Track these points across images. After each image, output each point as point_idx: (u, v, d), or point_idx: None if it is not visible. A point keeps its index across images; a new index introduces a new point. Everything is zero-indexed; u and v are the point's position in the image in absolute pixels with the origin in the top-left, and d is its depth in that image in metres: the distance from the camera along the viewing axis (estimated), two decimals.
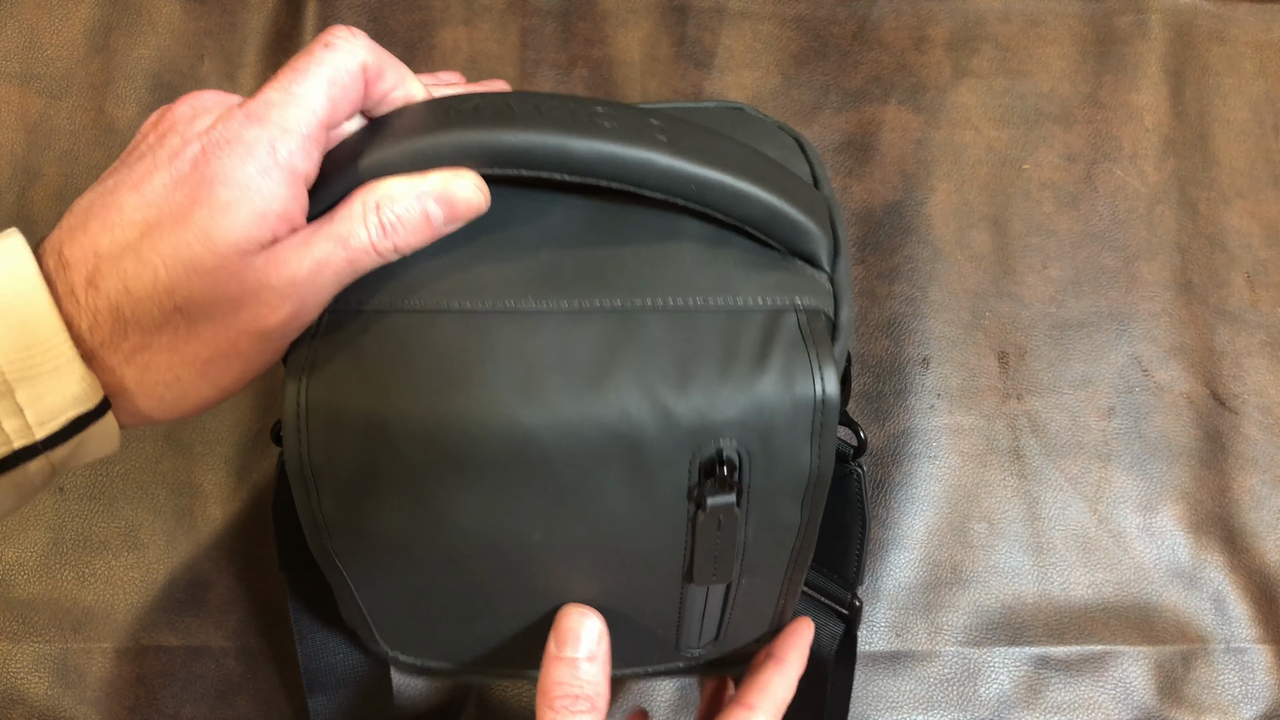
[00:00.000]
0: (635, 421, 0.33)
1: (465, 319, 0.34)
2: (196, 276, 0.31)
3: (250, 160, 0.32)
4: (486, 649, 0.43)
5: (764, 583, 0.41)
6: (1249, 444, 0.62)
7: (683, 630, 0.42)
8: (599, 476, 0.34)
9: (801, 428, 0.34)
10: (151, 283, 0.31)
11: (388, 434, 0.33)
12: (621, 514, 0.35)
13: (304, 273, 0.32)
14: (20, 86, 0.63)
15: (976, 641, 0.59)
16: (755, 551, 0.37)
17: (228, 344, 0.32)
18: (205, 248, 0.31)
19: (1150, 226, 0.64)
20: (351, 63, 0.34)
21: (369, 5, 0.65)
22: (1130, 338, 0.63)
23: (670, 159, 0.35)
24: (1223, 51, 0.67)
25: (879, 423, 0.61)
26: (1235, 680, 0.59)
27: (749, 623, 0.43)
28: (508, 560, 0.37)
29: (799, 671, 0.44)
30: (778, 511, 0.36)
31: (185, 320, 0.32)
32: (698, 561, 0.37)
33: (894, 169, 0.64)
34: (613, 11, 0.66)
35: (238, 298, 0.32)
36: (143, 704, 0.57)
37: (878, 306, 0.62)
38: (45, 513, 0.58)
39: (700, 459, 0.34)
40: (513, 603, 0.40)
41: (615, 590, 0.39)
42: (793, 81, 0.66)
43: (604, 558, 0.37)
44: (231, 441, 0.59)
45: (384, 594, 0.40)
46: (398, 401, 0.33)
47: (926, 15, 0.67)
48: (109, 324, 0.32)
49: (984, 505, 0.60)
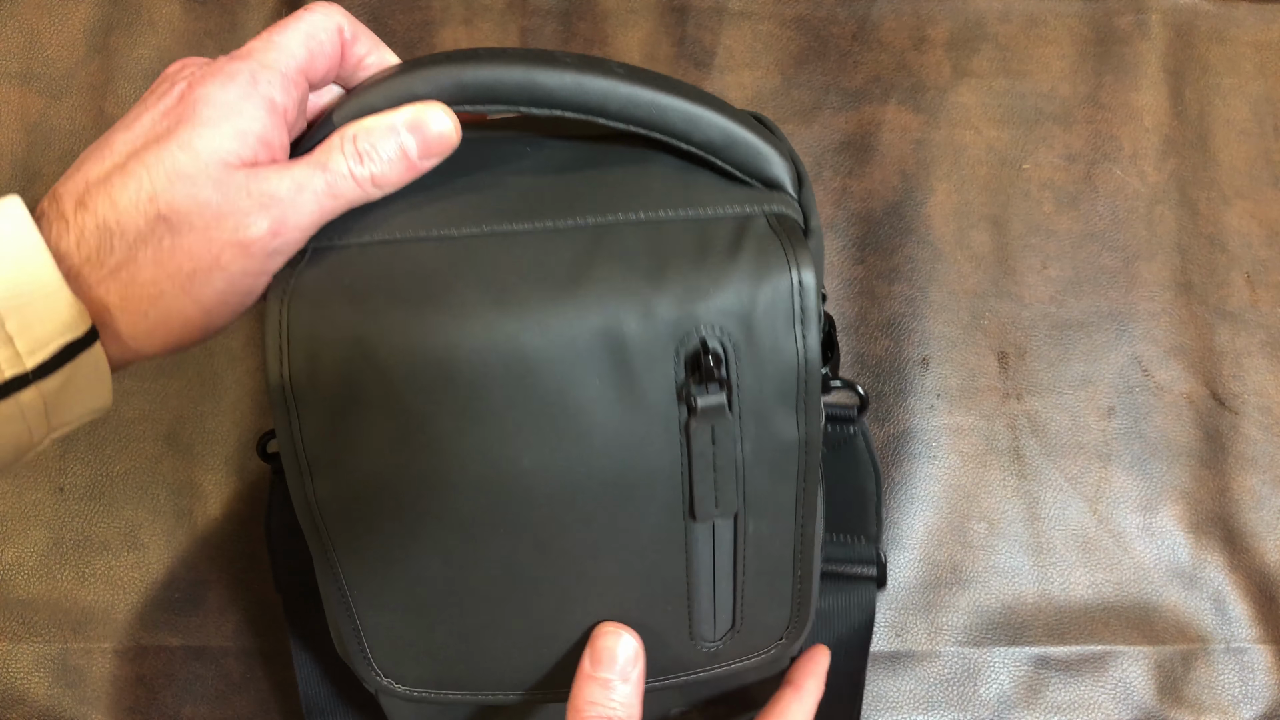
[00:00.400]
0: (614, 318, 0.34)
1: (444, 243, 0.36)
2: (180, 182, 0.33)
3: (231, 86, 0.34)
4: (484, 653, 0.40)
5: (773, 533, 0.38)
6: (1249, 444, 0.62)
7: (694, 603, 0.39)
8: (583, 383, 0.34)
9: (782, 312, 0.34)
10: (136, 191, 0.33)
11: (368, 350, 0.34)
12: (612, 428, 0.35)
13: (284, 190, 0.34)
14: (20, 86, 0.63)
15: (976, 641, 0.59)
16: (756, 478, 0.37)
17: (209, 256, 0.33)
18: (188, 156, 0.33)
19: (1150, 226, 0.64)
20: (329, 22, 0.37)
21: (369, 5, 0.65)
22: (1130, 338, 0.63)
23: (630, 85, 0.36)
24: (1223, 51, 0.67)
25: (879, 423, 0.61)
26: (1235, 680, 0.59)
27: (766, 603, 0.40)
28: (499, 505, 0.36)
29: (816, 698, 0.44)
30: (772, 422, 0.36)
31: (168, 229, 0.33)
32: (697, 483, 0.36)
33: (894, 169, 0.64)
34: (613, 11, 0.66)
35: (218, 206, 0.33)
36: (143, 704, 0.57)
37: (877, 306, 0.62)
38: (45, 513, 0.58)
39: (685, 352, 0.34)
40: (508, 573, 0.37)
41: (619, 550, 0.37)
42: (792, 81, 0.66)
43: (601, 496, 0.36)
44: (231, 441, 0.59)
45: (372, 575, 0.38)
46: (377, 318, 0.34)
47: (926, 15, 0.67)
48: (95, 239, 0.33)
49: (984, 505, 0.60)
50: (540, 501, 0.36)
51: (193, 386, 0.60)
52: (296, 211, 0.34)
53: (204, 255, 0.33)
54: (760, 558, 0.39)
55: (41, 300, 0.32)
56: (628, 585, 0.38)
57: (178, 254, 0.33)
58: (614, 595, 0.38)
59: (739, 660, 0.42)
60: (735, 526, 0.38)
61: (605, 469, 0.36)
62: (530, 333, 0.34)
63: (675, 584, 0.38)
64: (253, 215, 0.34)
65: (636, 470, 0.36)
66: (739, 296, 0.34)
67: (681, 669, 0.41)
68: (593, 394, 0.34)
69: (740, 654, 0.41)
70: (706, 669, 0.41)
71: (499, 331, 0.34)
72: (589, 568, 0.38)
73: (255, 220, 0.34)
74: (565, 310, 0.34)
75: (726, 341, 0.34)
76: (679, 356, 0.34)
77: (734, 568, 0.39)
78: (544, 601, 0.38)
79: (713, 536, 0.38)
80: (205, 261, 0.33)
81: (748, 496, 0.37)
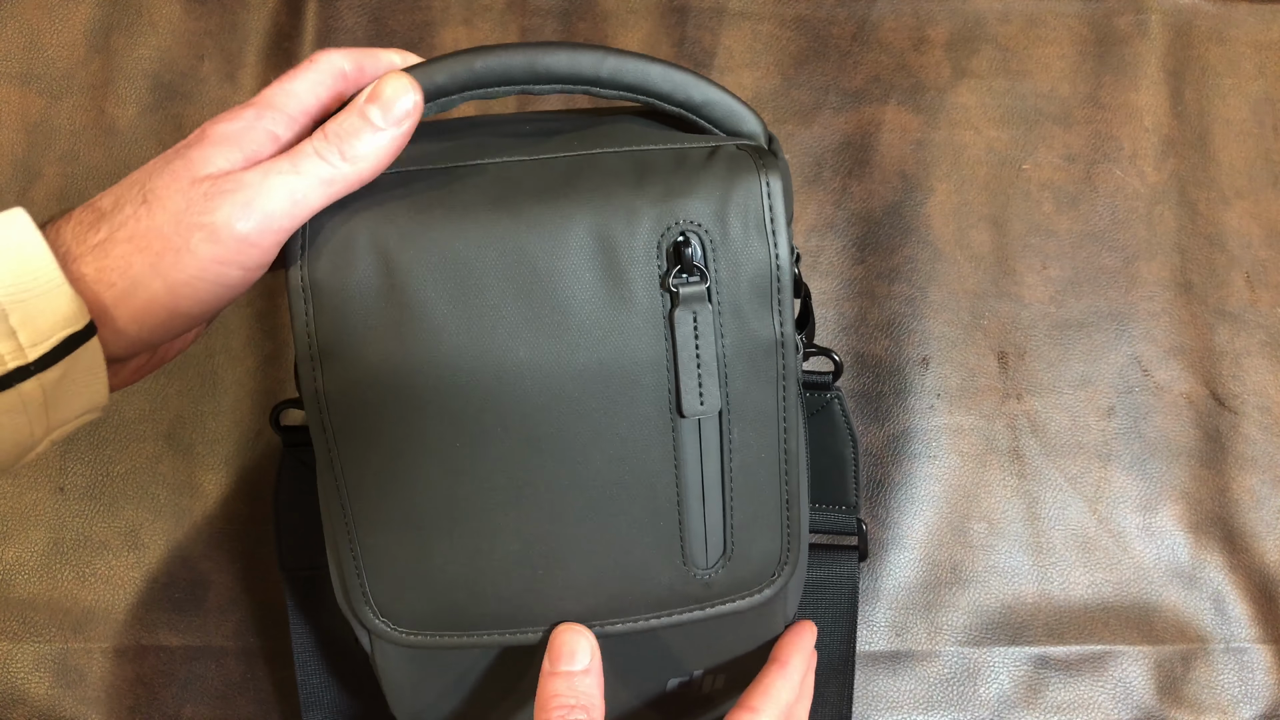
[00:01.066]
0: (601, 215, 0.38)
1: (449, 170, 0.39)
2: (166, 175, 0.36)
3: (239, 120, 0.37)
4: (479, 575, 0.40)
5: (757, 443, 0.40)
6: (1248, 444, 0.62)
7: (685, 518, 0.40)
8: (574, 278, 0.38)
9: (753, 212, 0.39)
10: (130, 185, 0.37)
11: (379, 244, 0.37)
12: (601, 322, 0.38)
13: (251, 176, 0.36)
14: (21, 87, 0.63)
15: (976, 641, 0.59)
16: (737, 375, 0.39)
17: (179, 239, 0.35)
18: (182, 161, 0.36)
19: (1150, 226, 0.64)
20: (330, 67, 0.39)
21: (369, 5, 0.65)
22: (1130, 338, 0.63)
23: (617, 57, 0.40)
24: (1222, 52, 0.67)
25: (879, 423, 0.61)
26: (1235, 680, 0.59)
27: (756, 531, 0.41)
28: (495, 398, 0.38)
29: (802, 673, 0.44)
30: (749, 320, 0.39)
31: (147, 211, 0.36)
32: (682, 374, 0.39)
33: (894, 169, 0.64)
34: (613, 12, 0.66)
35: (190, 193, 0.36)
36: (143, 704, 0.57)
37: (877, 306, 0.62)
38: (46, 513, 0.58)
39: (666, 245, 0.38)
40: (503, 477, 0.39)
41: (609, 449, 0.39)
42: (792, 82, 0.66)
43: (591, 389, 0.39)
44: (231, 441, 0.59)
45: (372, 484, 0.40)
46: (389, 219, 0.38)
47: (926, 16, 0.67)
48: (90, 222, 0.36)
49: (983, 505, 0.60)
50: (533, 395, 0.38)
51: (193, 387, 0.60)
52: (263, 195, 0.36)
53: (173, 237, 0.35)
54: (746, 471, 0.41)
55: (44, 295, 0.34)
56: (619, 493, 0.40)
57: (150, 234, 0.35)
58: (606, 505, 0.40)
59: (732, 599, 0.42)
60: (720, 430, 0.40)
61: (595, 362, 0.38)
62: (525, 229, 0.38)
63: (666, 493, 0.40)
64: (219, 199, 0.35)
65: (625, 364, 0.39)
66: (712, 196, 0.38)
67: (676, 603, 0.42)
68: (583, 290, 0.38)
69: (733, 590, 0.42)
70: (700, 606, 0.42)
71: (496, 228, 0.38)
72: (581, 471, 0.39)
73: (221, 203, 0.35)
74: (557, 210, 0.38)
75: (704, 236, 0.38)
76: (661, 250, 0.38)
77: (721, 477, 0.40)
78: (537, 513, 0.40)
79: (700, 439, 0.40)
80: (174, 243, 0.35)
81: (731, 398, 0.40)
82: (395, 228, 0.38)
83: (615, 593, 0.41)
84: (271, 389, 0.60)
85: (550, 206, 0.38)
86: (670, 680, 0.45)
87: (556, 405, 0.39)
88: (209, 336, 0.60)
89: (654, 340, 0.39)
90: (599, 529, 0.40)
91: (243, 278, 0.37)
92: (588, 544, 0.40)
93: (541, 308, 0.38)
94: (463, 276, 0.38)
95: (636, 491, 0.40)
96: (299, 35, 0.65)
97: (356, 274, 0.38)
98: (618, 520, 0.40)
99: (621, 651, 0.43)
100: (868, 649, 0.58)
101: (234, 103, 0.63)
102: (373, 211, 0.38)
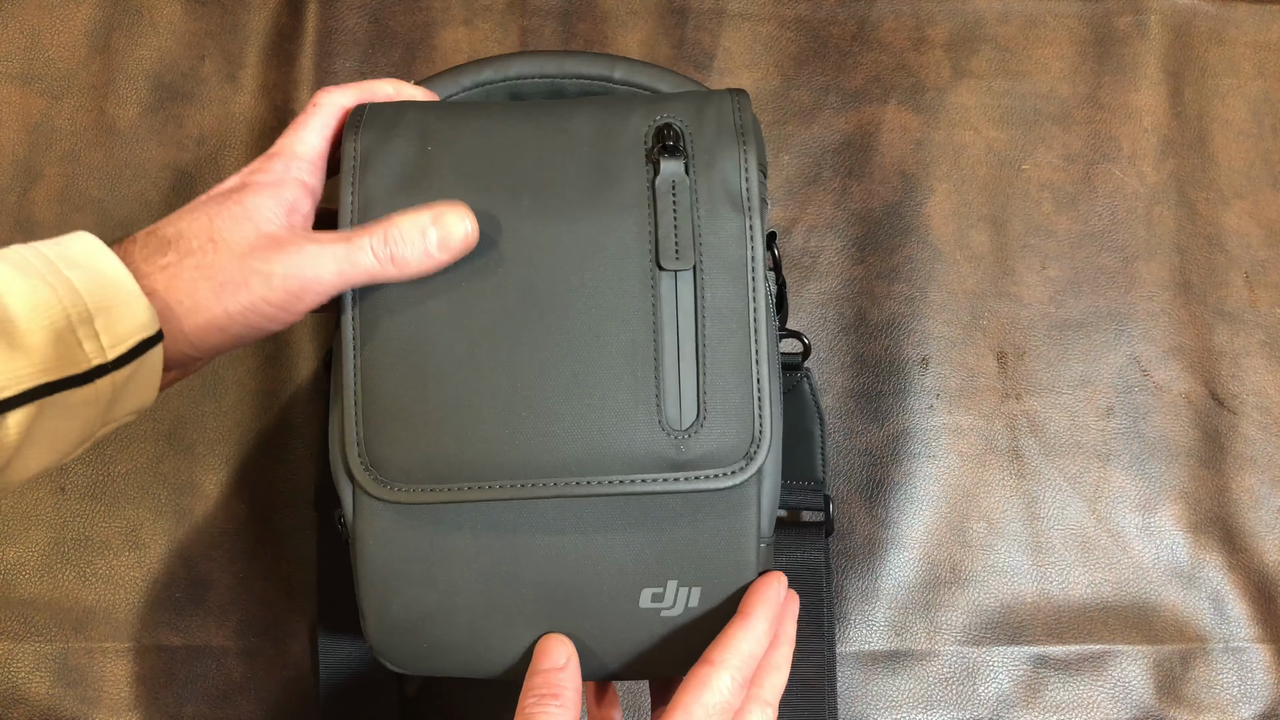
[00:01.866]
0: (600, 114, 0.47)
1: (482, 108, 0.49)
2: (231, 220, 0.43)
3: (274, 170, 0.45)
4: (470, 415, 0.43)
5: (729, 315, 0.44)
6: (1247, 444, 0.62)
7: (661, 372, 0.44)
8: (574, 151, 0.46)
9: (725, 119, 0.46)
10: (194, 222, 0.43)
11: (420, 129, 0.46)
12: (596, 193, 0.45)
13: (309, 246, 0.43)
14: (22, 87, 0.63)
15: (975, 641, 0.59)
16: (711, 247, 0.45)
17: (240, 276, 0.42)
18: (241, 208, 0.43)
19: (1149, 227, 0.64)
20: (334, 108, 0.47)
21: (369, 6, 0.65)
22: (1129, 338, 0.63)
23: (627, 61, 0.52)
24: (1221, 52, 0.67)
25: (878, 423, 0.61)
26: (1234, 679, 0.59)
27: (727, 401, 0.44)
28: (497, 256, 0.44)
29: (767, 625, 0.44)
30: (720, 209, 0.45)
31: (214, 249, 0.42)
32: (661, 230, 0.44)
33: (894, 169, 0.64)
34: (613, 13, 0.66)
35: (254, 240, 0.42)
36: (143, 703, 0.57)
37: (877, 306, 0.63)
38: (47, 512, 0.58)
39: (652, 129, 0.46)
40: (498, 315, 0.44)
41: (594, 295, 0.44)
42: (792, 82, 0.66)
43: (582, 251, 0.44)
44: (232, 441, 0.59)
45: (382, 331, 0.44)
46: (430, 113, 0.47)
47: (926, 16, 0.67)
48: (155, 247, 0.42)
49: (983, 505, 0.60)
50: (531, 255, 0.44)
51: (194, 387, 0.60)
52: (315, 265, 0.42)
53: (235, 274, 0.42)
54: (718, 341, 0.44)
55: (124, 304, 0.39)
56: (601, 344, 0.44)
57: (215, 268, 0.42)
58: (588, 352, 0.44)
59: (704, 473, 0.44)
60: (694, 293, 0.44)
61: (588, 226, 0.45)
62: (537, 123, 0.47)
63: (644, 348, 0.44)
64: (281, 256, 0.42)
65: (613, 227, 0.45)
66: (691, 105, 0.47)
67: (651, 466, 0.44)
68: (582, 167, 0.45)
69: (705, 463, 0.44)
70: (674, 474, 0.44)
71: (514, 123, 0.47)
72: (566, 322, 0.44)
73: (282, 259, 0.42)
74: (566, 111, 0.47)
75: (683, 128, 0.46)
76: (648, 137, 0.46)
77: (696, 337, 0.44)
78: (526, 356, 0.44)
79: (675, 299, 0.44)
80: (236, 278, 0.42)
81: (704, 262, 0.45)
82: (434, 116, 0.47)
83: (593, 446, 0.43)
84: (272, 389, 0.60)
85: (561, 111, 0.47)
86: (643, 590, 0.45)
87: (550, 264, 0.44)
88: None
89: (639, 208, 0.45)
90: (581, 374, 0.44)
91: (286, 319, 0.43)
92: (569, 387, 0.44)
93: (545, 181, 0.45)
94: (482, 153, 0.46)
95: (616, 343, 0.44)
96: (299, 36, 0.65)
97: (397, 145, 0.46)
98: (598, 368, 0.44)
99: (598, 544, 0.45)
100: (867, 648, 0.59)
101: (234, 103, 0.63)
102: (419, 105, 0.48)
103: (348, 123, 0.47)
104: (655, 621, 0.45)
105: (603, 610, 0.45)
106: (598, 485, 0.43)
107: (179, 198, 0.62)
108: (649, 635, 0.45)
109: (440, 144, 0.46)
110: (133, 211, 0.62)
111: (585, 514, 0.45)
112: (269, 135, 0.63)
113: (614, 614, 0.45)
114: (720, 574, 0.45)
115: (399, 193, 0.45)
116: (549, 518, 0.45)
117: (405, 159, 0.46)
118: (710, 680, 0.42)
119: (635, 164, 0.46)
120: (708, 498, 0.45)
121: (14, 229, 0.61)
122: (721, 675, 0.42)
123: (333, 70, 0.64)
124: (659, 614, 0.45)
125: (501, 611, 0.45)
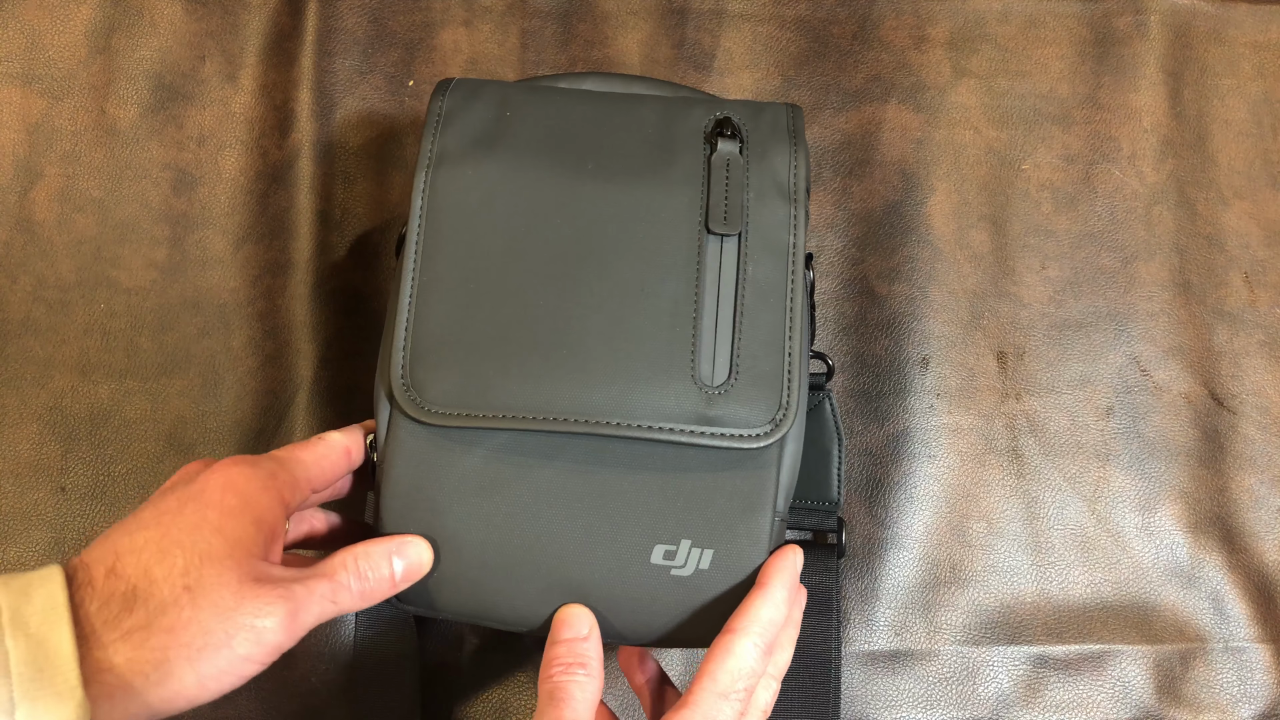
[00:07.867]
0: (666, 107, 0.51)
1: (558, 85, 0.54)
2: (209, 564, 0.37)
3: (254, 479, 0.40)
4: (509, 343, 0.45)
5: (768, 289, 0.47)
6: (1247, 443, 0.62)
7: (699, 328, 0.46)
8: (639, 130, 0.50)
9: (780, 123, 0.51)
10: (170, 567, 0.36)
11: (500, 97, 0.50)
12: (655, 164, 0.49)
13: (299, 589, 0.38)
14: (22, 87, 0.63)
15: (975, 640, 0.59)
16: (757, 210, 0.48)
17: (222, 635, 0.36)
18: (219, 541, 0.37)
19: (1149, 227, 0.64)
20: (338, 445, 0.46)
21: (369, 6, 0.65)
22: (1129, 338, 0.63)
23: (671, 84, 0.56)
24: (1221, 52, 0.67)
25: (878, 423, 0.61)
26: (1233, 679, 0.59)
27: (759, 368, 0.46)
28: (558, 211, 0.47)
29: (785, 594, 0.44)
30: (769, 198, 0.48)
31: (191, 602, 0.36)
32: (713, 197, 0.48)
33: (894, 169, 0.64)
34: (612, 13, 0.66)
35: (238, 589, 0.37)
36: None
37: (877, 306, 0.63)
38: (47, 513, 0.58)
39: (711, 120, 0.50)
40: (551, 254, 0.47)
41: (643, 250, 0.47)
42: (793, 82, 0.66)
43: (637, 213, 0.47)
44: (232, 441, 0.59)
45: (442, 260, 0.47)
46: (509, 84, 0.52)
47: (926, 15, 0.67)
48: (119, 603, 0.36)
49: (983, 505, 0.60)
50: (590, 214, 0.48)
51: (194, 387, 0.60)
52: (305, 610, 0.38)
53: (217, 633, 0.36)
54: (755, 309, 0.47)
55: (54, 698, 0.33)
56: (645, 291, 0.46)
57: (192, 627, 0.35)
58: (632, 302, 0.46)
59: (729, 432, 0.45)
60: (738, 260, 0.47)
61: (645, 190, 0.48)
62: (609, 104, 0.51)
63: (685, 305, 0.46)
64: (272, 604, 0.37)
65: (668, 194, 0.48)
66: (749, 108, 0.51)
67: (678, 416, 0.45)
68: (645, 145, 0.49)
69: (730, 423, 0.45)
70: (699, 428, 0.45)
71: (587, 100, 0.51)
72: (614, 271, 0.47)
73: (273, 608, 0.37)
74: (634, 100, 0.51)
75: (740, 124, 0.50)
76: (707, 128, 0.50)
77: (735, 301, 0.47)
78: (572, 298, 0.46)
79: (720, 259, 0.47)
80: (217, 639, 0.36)
81: (749, 234, 0.48)
82: (515, 90, 0.51)
83: (626, 390, 0.45)
84: (272, 389, 0.60)
85: (631, 100, 0.52)
86: (655, 545, 0.45)
87: (606, 220, 0.47)
88: (210, 337, 0.60)
89: (694, 182, 0.48)
90: (623, 321, 0.46)
91: (260, 671, 0.38)
92: (610, 332, 0.46)
93: (609, 153, 0.49)
94: (554, 123, 0.50)
95: (660, 297, 0.46)
96: (299, 36, 0.65)
97: (479, 107, 0.50)
98: (639, 318, 0.46)
99: (618, 489, 0.45)
100: (867, 648, 0.59)
101: (234, 103, 0.64)
102: (502, 82, 0.53)
103: (435, 89, 0.51)
104: (665, 580, 0.45)
105: (614, 561, 0.45)
106: (627, 428, 0.45)
107: (179, 198, 0.62)
108: (657, 595, 0.45)
109: (518, 112, 0.50)
110: (133, 211, 0.62)
111: (608, 458, 0.46)
112: (269, 135, 0.63)
113: (625, 566, 0.45)
114: (734, 540, 0.45)
115: (475, 147, 0.49)
116: (574, 456, 0.46)
117: (484, 120, 0.50)
118: (734, 647, 0.42)
119: (694, 147, 0.49)
120: (730, 457, 0.46)
121: (14, 229, 0.61)
122: (745, 642, 0.43)
123: (332, 70, 0.64)
124: (669, 572, 0.45)
125: (514, 554, 0.45)
